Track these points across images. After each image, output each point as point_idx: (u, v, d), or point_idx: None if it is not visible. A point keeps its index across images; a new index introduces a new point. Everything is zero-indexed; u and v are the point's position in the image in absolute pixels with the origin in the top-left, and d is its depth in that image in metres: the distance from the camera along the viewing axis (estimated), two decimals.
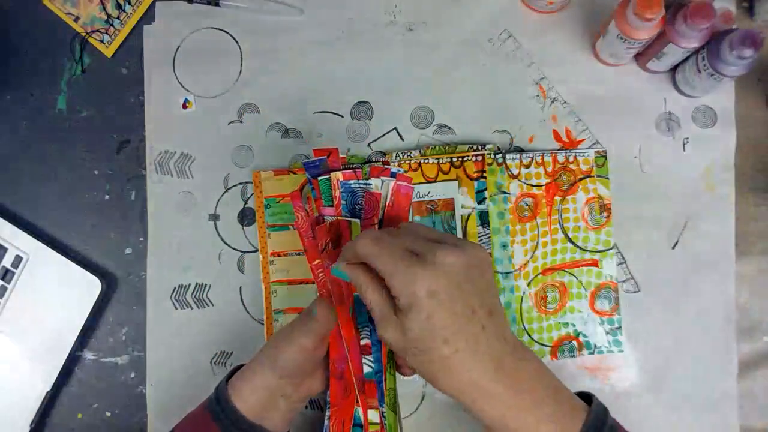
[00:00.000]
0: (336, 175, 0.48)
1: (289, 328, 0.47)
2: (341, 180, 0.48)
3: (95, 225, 0.63)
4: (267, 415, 0.47)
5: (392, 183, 0.48)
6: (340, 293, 0.47)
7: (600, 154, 0.59)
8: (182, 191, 0.62)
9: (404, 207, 0.48)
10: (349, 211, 0.48)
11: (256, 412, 0.46)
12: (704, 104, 0.60)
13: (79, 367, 0.61)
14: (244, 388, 0.47)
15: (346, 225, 0.47)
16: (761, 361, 0.58)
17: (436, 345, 0.39)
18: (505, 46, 0.62)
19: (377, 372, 0.47)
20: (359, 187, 0.48)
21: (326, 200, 0.48)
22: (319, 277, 0.48)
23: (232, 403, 0.46)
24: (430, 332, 0.39)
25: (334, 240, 0.47)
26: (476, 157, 0.59)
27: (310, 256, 0.48)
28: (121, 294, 0.62)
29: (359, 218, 0.48)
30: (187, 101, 0.63)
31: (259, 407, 0.47)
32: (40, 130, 0.64)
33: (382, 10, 0.63)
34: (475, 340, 0.39)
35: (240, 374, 0.48)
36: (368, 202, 0.47)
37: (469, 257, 0.40)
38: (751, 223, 0.59)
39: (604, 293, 0.59)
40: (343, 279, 0.44)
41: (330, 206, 0.48)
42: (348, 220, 0.47)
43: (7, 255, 0.60)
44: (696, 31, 0.51)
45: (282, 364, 0.46)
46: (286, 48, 0.63)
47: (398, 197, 0.48)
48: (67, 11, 0.64)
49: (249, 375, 0.47)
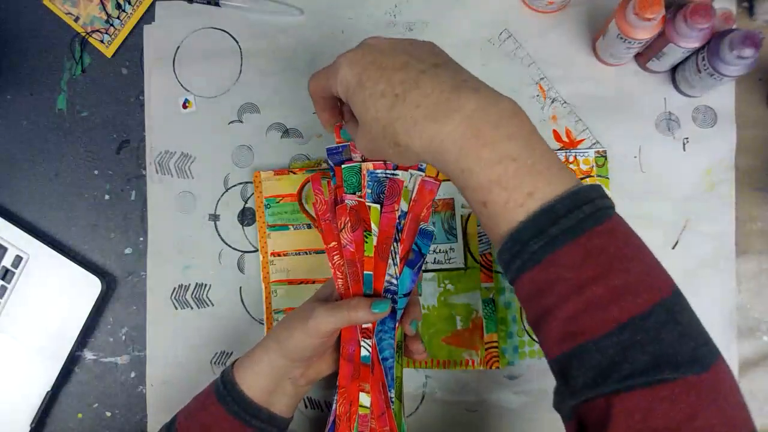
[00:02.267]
0: (366, 165, 0.48)
1: (301, 312, 0.47)
2: (370, 170, 0.48)
3: (95, 225, 0.63)
4: (273, 399, 0.47)
5: (419, 177, 0.48)
6: (356, 273, 0.47)
7: (600, 154, 0.59)
8: (182, 191, 0.62)
9: (427, 203, 0.48)
10: (373, 201, 0.48)
11: (262, 395, 0.47)
12: (704, 104, 0.60)
13: (79, 367, 0.61)
14: (250, 373, 0.47)
15: (366, 209, 0.47)
16: (761, 361, 0.58)
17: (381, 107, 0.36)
18: (505, 46, 0.62)
19: (388, 359, 0.47)
20: (385, 176, 0.48)
21: (348, 188, 0.48)
22: (334, 260, 0.48)
23: (239, 387, 0.46)
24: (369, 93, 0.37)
25: (354, 223, 0.47)
26: None
27: (326, 238, 0.48)
28: (121, 294, 0.62)
29: (380, 204, 0.48)
30: (187, 101, 0.63)
31: (266, 391, 0.47)
32: (40, 130, 0.64)
33: (382, 10, 0.63)
34: (415, 79, 0.36)
35: (245, 359, 0.48)
36: (390, 188, 0.47)
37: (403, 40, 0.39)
38: (751, 223, 0.59)
39: None
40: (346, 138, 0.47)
41: (352, 194, 0.48)
42: (368, 205, 0.47)
43: (7, 255, 0.60)
44: (696, 31, 0.51)
45: (292, 349, 0.46)
46: (286, 48, 0.63)
47: (422, 192, 0.48)
48: (67, 11, 0.64)
49: (255, 360, 0.47)
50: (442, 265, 0.58)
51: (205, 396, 0.48)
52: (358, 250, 0.47)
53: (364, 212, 0.48)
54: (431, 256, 0.59)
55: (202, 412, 0.48)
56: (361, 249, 0.47)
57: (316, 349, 0.46)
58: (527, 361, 0.58)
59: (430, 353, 0.58)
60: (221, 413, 0.46)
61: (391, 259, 0.47)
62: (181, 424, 0.48)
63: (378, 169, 0.48)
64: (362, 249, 0.47)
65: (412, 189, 0.48)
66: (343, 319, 0.45)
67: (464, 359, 0.57)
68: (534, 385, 0.58)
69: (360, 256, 0.47)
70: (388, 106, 0.36)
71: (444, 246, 0.58)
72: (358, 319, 0.45)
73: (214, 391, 0.48)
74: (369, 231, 0.47)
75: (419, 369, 0.59)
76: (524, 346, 0.58)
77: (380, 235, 0.47)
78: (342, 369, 0.48)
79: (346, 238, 0.47)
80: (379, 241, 0.47)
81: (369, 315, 0.45)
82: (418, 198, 0.48)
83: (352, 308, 0.45)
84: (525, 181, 0.34)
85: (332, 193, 0.49)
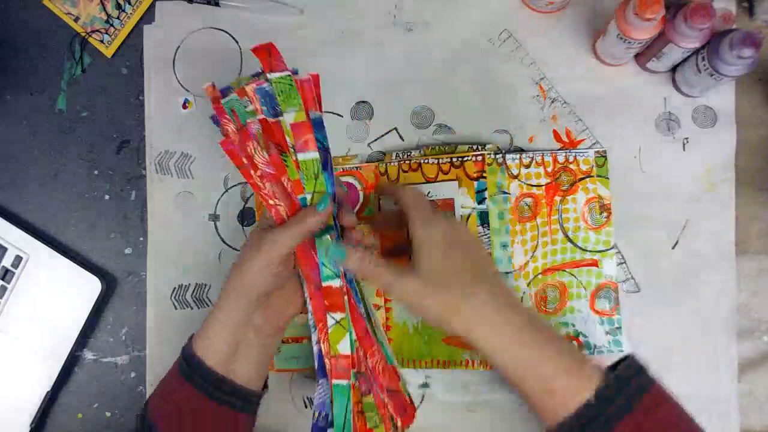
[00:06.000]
0: (248, 88, 0.47)
1: (251, 246, 0.46)
2: (254, 87, 0.46)
3: (95, 225, 0.63)
4: (237, 361, 0.46)
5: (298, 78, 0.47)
6: (286, 193, 0.47)
7: (600, 154, 0.59)
8: (182, 191, 0.62)
9: (311, 96, 0.48)
10: (273, 115, 0.47)
11: (224, 359, 0.45)
12: (704, 104, 0.60)
13: (79, 367, 0.61)
14: (209, 337, 0.46)
15: (274, 129, 0.47)
16: (761, 361, 0.58)
17: (455, 283, 0.43)
18: (505, 46, 0.62)
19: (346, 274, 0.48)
20: (270, 88, 0.46)
21: (241, 117, 0.47)
22: (265, 188, 0.47)
23: (198, 357, 0.45)
24: (451, 269, 0.44)
25: (266, 146, 0.47)
26: (476, 157, 0.59)
27: (247, 173, 0.47)
28: (121, 294, 0.62)
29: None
30: (187, 101, 0.63)
31: (228, 352, 0.45)
32: (40, 130, 0.64)
33: (382, 10, 0.63)
34: (492, 284, 0.44)
35: (203, 324, 0.47)
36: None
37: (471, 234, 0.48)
38: (751, 223, 0.59)
39: (604, 293, 0.59)
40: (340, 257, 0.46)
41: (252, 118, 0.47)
42: (270, 121, 0.46)
43: (7, 255, 0.60)
44: (696, 31, 0.51)
45: (248, 287, 0.45)
46: (286, 48, 0.63)
47: (302, 89, 0.47)
48: (67, 11, 0.64)
49: (212, 320, 0.46)
50: None
51: (171, 375, 0.47)
52: (279, 171, 0.47)
53: (271, 133, 0.47)
54: None
55: (169, 391, 0.46)
56: (282, 170, 0.47)
57: (276, 279, 0.45)
58: None
59: (430, 354, 0.58)
60: (187, 389, 0.45)
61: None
62: (154, 408, 0.46)
63: (262, 85, 0.46)
64: (284, 170, 0.47)
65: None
66: (297, 231, 0.44)
67: (464, 359, 0.57)
68: None
69: (283, 177, 0.46)
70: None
71: None
72: (311, 224, 0.45)
73: (177, 368, 0.46)
74: (285, 152, 0.47)
75: (419, 369, 0.59)
76: None
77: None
78: (313, 302, 0.47)
79: (261, 161, 0.46)
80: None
81: (317, 215, 0.45)
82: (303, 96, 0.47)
83: (301, 218, 0.45)
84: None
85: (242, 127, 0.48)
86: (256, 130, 0.47)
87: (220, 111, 0.47)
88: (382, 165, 0.60)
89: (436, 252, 0.44)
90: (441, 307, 0.43)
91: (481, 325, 0.43)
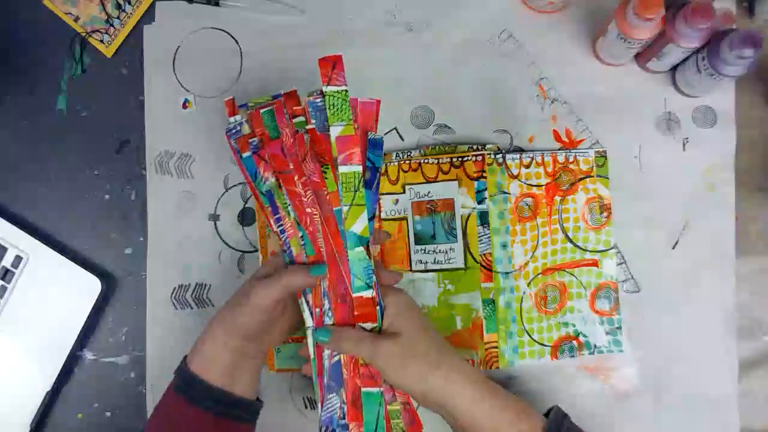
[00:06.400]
0: (303, 100, 0.48)
1: (241, 293, 0.47)
2: (308, 100, 0.48)
3: (95, 225, 0.63)
4: (235, 379, 0.47)
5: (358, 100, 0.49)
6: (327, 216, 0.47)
7: (600, 154, 0.59)
8: (182, 191, 0.62)
9: (371, 118, 0.49)
10: (321, 131, 0.48)
11: (225, 372, 0.46)
12: (704, 104, 0.60)
13: (79, 367, 0.61)
14: (206, 359, 0.46)
15: (322, 141, 0.47)
16: (761, 361, 0.58)
17: (432, 346, 0.47)
18: (505, 46, 0.62)
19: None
20: (323, 103, 0.47)
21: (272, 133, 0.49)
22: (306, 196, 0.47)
23: (197, 375, 0.46)
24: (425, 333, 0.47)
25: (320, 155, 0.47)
26: (476, 157, 0.59)
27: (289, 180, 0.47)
28: (121, 294, 0.62)
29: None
30: (187, 101, 0.63)
31: (226, 373, 0.46)
32: (40, 130, 0.64)
33: (382, 10, 0.63)
34: (459, 362, 0.47)
35: (196, 351, 0.47)
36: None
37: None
38: (751, 223, 0.59)
39: (604, 293, 0.59)
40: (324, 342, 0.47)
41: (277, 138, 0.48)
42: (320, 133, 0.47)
43: (7, 255, 0.60)
44: (696, 31, 0.51)
45: (240, 329, 0.46)
46: (286, 48, 0.63)
47: (364, 112, 0.48)
48: (67, 11, 0.64)
49: (207, 346, 0.47)
50: (442, 265, 0.58)
51: (166, 397, 0.47)
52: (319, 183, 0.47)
53: (318, 144, 0.47)
54: (431, 256, 0.59)
55: (167, 415, 0.47)
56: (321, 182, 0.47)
57: (263, 324, 0.47)
58: (527, 361, 0.58)
59: None
60: (188, 409, 0.45)
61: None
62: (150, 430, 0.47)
63: (316, 99, 0.47)
64: (323, 183, 0.47)
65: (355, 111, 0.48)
66: (281, 288, 0.45)
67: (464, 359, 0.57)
68: (533, 385, 0.58)
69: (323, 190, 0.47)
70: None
71: (444, 246, 0.58)
72: (297, 283, 0.46)
73: (174, 389, 0.47)
74: (327, 164, 0.47)
75: None
76: (524, 347, 0.58)
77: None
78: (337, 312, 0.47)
79: (308, 169, 0.47)
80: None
81: (308, 278, 0.46)
82: (361, 117, 0.48)
83: (288, 275, 0.46)
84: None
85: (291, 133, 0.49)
86: (306, 139, 0.48)
87: (257, 120, 0.48)
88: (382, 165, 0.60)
89: (413, 320, 0.47)
90: (424, 367, 0.45)
91: (459, 383, 0.46)
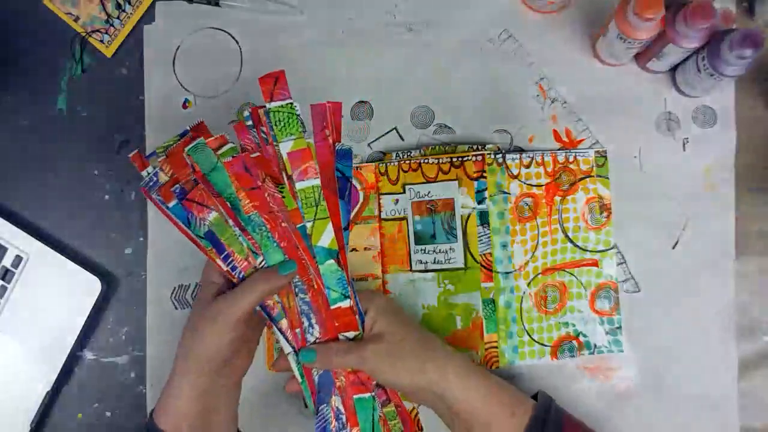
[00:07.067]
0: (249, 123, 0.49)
1: (201, 316, 0.45)
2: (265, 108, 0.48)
3: (95, 225, 0.63)
4: (211, 426, 0.45)
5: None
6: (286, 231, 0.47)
7: (600, 154, 0.59)
8: None
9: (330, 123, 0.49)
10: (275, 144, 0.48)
11: (198, 425, 0.44)
12: (704, 104, 0.60)
13: (79, 367, 0.61)
14: (175, 409, 0.44)
15: (269, 161, 0.48)
16: (761, 361, 0.58)
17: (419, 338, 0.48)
18: (505, 46, 0.62)
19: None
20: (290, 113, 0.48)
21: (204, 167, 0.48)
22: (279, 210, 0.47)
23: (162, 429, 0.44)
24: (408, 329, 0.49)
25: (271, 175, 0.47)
26: (476, 157, 0.59)
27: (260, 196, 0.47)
28: (121, 294, 0.62)
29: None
30: (187, 101, 0.63)
31: (197, 426, 0.44)
32: (40, 130, 0.64)
33: (382, 10, 0.63)
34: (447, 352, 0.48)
35: (162, 406, 0.45)
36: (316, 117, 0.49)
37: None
38: (751, 223, 0.59)
39: (604, 293, 0.59)
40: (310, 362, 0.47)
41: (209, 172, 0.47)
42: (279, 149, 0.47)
43: (7, 255, 0.60)
44: (696, 31, 0.51)
45: (206, 357, 0.44)
46: (286, 48, 0.63)
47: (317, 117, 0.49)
48: (67, 11, 0.64)
49: (173, 391, 0.45)
50: (442, 265, 0.58)
51: None
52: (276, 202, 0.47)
53: (265, 165, 0.47)
54: (431, 256, 0.59)
55: None
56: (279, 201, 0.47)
57: (233, 344, 0.44)
58: (527, 361, 0.58)
59: None
60: None
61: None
62: None
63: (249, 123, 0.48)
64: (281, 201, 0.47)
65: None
66: (257, 295, 0.44)
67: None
68: (533, 384, 0.58)
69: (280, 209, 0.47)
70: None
71: (444, 246, 0.58)
72: (272, 286, 0.45)
73: None
74: (282, 183, 0.47)
75: None
76: (524, 346, 0.58)
77: (322, 167, 0.47)
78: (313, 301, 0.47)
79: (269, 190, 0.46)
80: (323, 173, 0.47)
81: (281, 279, 0.45)
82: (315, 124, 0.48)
83: (261, 281, 0.45)
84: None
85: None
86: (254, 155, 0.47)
87: (179, 163, 0.48)
88: (382, 165, 0.60)
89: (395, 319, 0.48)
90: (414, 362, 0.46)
91: (451, 372, 0.47)
